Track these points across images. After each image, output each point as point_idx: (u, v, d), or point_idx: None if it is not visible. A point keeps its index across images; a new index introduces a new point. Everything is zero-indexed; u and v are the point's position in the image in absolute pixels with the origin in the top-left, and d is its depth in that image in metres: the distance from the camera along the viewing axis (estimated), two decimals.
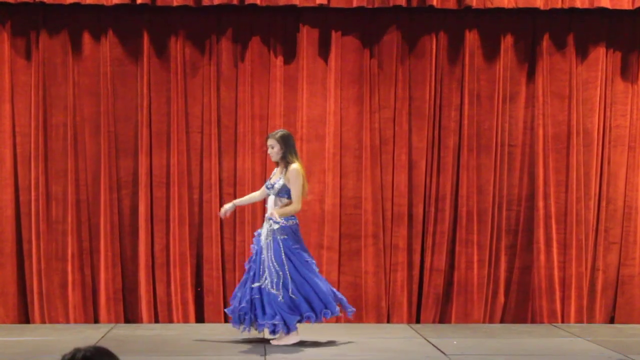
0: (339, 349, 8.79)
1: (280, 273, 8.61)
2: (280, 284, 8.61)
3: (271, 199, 8.80)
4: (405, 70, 10.34)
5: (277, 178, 8.78)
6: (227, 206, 9.15)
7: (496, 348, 9.09)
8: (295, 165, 8.73)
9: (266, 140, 8.93)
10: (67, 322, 10.03)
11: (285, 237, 8.68)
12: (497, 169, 10.35)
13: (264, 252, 8.69)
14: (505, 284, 10.41)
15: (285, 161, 8.75)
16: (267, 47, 10.27)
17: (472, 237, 10.31)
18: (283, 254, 8.65)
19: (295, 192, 8.71)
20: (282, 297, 8.59)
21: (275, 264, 8.63)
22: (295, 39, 10.30)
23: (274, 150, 8.76)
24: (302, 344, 8.79)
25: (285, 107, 10.27)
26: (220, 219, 10.06)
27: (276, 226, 8.66)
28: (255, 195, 9.32)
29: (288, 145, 8.77)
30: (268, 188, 8.84)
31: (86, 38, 10.13)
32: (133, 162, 10.16)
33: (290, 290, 8.62)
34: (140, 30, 10.14)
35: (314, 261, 8.93)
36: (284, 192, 8.72)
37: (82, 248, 10.10)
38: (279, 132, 8.89)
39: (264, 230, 8.79)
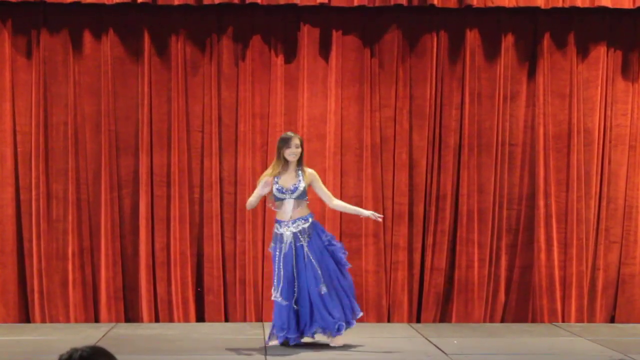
0: (339, 349, 8.78)
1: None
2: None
3: (290, 203, 8.63)
4: (406, 69, 10.34)
5: (295, 181, 8.64)
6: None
7: (497, 347, 9.09)
8: (312, 170, 8.84)
9: (292, 138, 8.71)
10: (68, 321, 10.03)
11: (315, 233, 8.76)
12: (497, 168, 10.35)
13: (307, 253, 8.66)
14: (506, 283, 10.41)
15: (299, 164, 8.73)
16: (267, 46, 10.27)
17: (472, 236, 10.31)
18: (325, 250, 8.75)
19: (325, 188, 8.90)
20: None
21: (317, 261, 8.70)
22: (296, 38, 10.30)
23: (298, 150, 8.70)
24: (302, 345, 8.78)
25: (286, 106, 10.27)
26: (221, 218, 10.09)
27: (307, 224, 8.69)
28: (252, 203, 8.82)
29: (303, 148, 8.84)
30: (283, 192, 8.61)
31: (87, 37, 10.13)
32: (134, 161, 10.16)
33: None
34: (141, 29, 10.14)
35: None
36: (305, 195, 8.66)
37: (83, 247, 10.10)
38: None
39: (288, 233, 8.64)
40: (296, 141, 8.71)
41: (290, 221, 8.64)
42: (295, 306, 8.65)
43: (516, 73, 10.41)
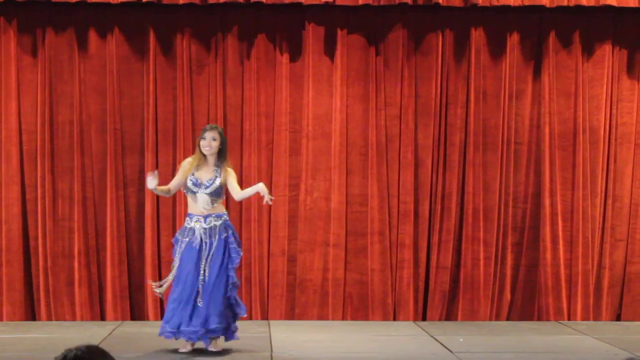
0: (345, 347, 8.78)
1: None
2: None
3: (203, 198, 8.32)
4: (411, 68, 10.34)
5: (210, 177, 8.34)
6: (153, 183, 8.26)
7: (502, 345, 9.08)
8: (231, 169, 8.46)
9: (207, 130, 8.41)
10: (74, 319, 10.04)
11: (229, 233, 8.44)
12: (503, 167, 10.35)
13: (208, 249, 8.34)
14: (512, 281, 10.40)
15: (220, 159, 8.40)
16: (273, 45, 10.27)
17: (478, 234, 10.30)
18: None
19: (238, 187, 8.44)
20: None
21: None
22: (301, 36, 10.30)
23: (215, 142, 8.32)
24: (306, 340, 8.77)
25: (291, 105, 10.28)
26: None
27: (220, 222, 8.40)
28: (171, 190, 8.57)
29: (226, 143, 8.48)
30: (197, 185, 8.32)
31: (92, 36, 10.14)
32: (139, 160, 10.17)
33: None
34: (146, 27, 10.15)
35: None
36: (220, 192, 8.38)
37: (89, 245, 10.11)
38: (220, 127, 8.63)
39: (198, 227, 8.34)
40: (213, 134, 8.35)
41: (201, 216, 8.34)
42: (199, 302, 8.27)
43: (521, 71, 10.41)
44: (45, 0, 9.93)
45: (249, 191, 8.54)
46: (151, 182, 8.28)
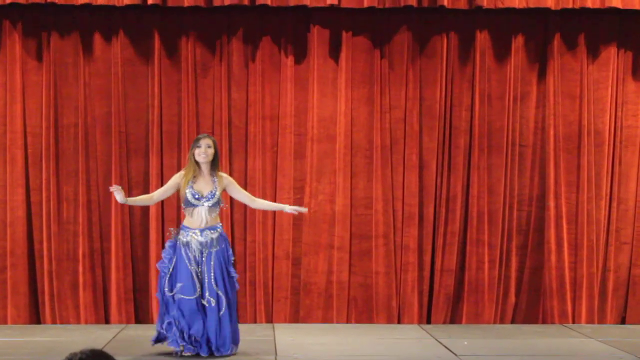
0: (349, 349, 8.78)
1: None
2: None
3: (204, 210, 8.21)
4: (416, 71, 10.34)
5: (211, 189, 8.25)
6: (119, 196, 8.18)
7: (507, 348, 9.08)
8: (225, 174, 8.54)
9: (202, 139, 8.36)
10: (78, 322, 10.05)
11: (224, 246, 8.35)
12: (508, 169, 10.35)
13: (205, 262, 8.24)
14: (516, 284, 10.40)
15: (214, 168, 8.34)
16: (277, 47, 10.28)
17: (482, 237, 10.30)
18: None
19: (243, 190, 8.60)
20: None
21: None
22: (306, 39, 10.31)
23: (210, 150, 8.29)
24: (311, 343, 8.77)
25: (296, 108, 10.28)
26: (231, 219, 10.09)
27: (216, 234, 8.28)
28: (154, 198, 8.63)
29: (218, 151, 8.47)
30: (198, 198, 8.22)
31: (97, 39, 10.15)
32: (144, 163, 10.18)
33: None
34: (151, 30, 10.16)
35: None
36: (221, 201, 8.32)
37: (93, 248, 10.12)
38: (212, 136, 8.63)
39: (195, 242, 8.22)
40: (207, 141, 8.31)
41: (198, 229, 8.22)
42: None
43: (526, 74, 10.41)
44: (50, 3, 9.94)
45: (271, 205, 8.95)
46: (118, 195, 8.20)
